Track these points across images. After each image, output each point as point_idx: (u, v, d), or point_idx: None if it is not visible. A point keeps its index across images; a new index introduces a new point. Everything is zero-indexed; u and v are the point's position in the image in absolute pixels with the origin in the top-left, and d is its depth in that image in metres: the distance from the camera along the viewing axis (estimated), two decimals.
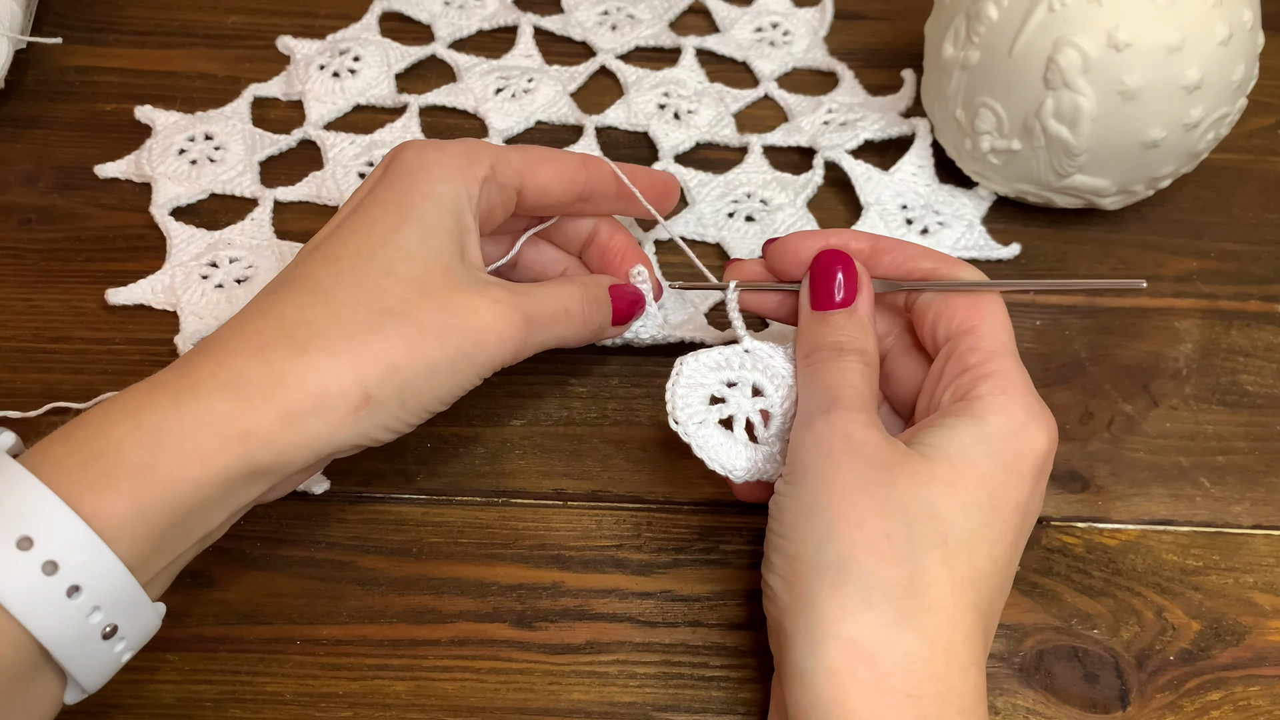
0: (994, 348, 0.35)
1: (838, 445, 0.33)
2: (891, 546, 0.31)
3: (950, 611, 0.31)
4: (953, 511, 0.32)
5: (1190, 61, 0.43)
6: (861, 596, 0.31)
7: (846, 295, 0.37)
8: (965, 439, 0.33)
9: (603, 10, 0.59)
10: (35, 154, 0.52)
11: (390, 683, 0.37)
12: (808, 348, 0.37)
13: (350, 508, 0.41)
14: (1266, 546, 0.41)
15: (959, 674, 0.31)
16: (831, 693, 0.30)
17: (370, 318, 0.33)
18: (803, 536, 0.32)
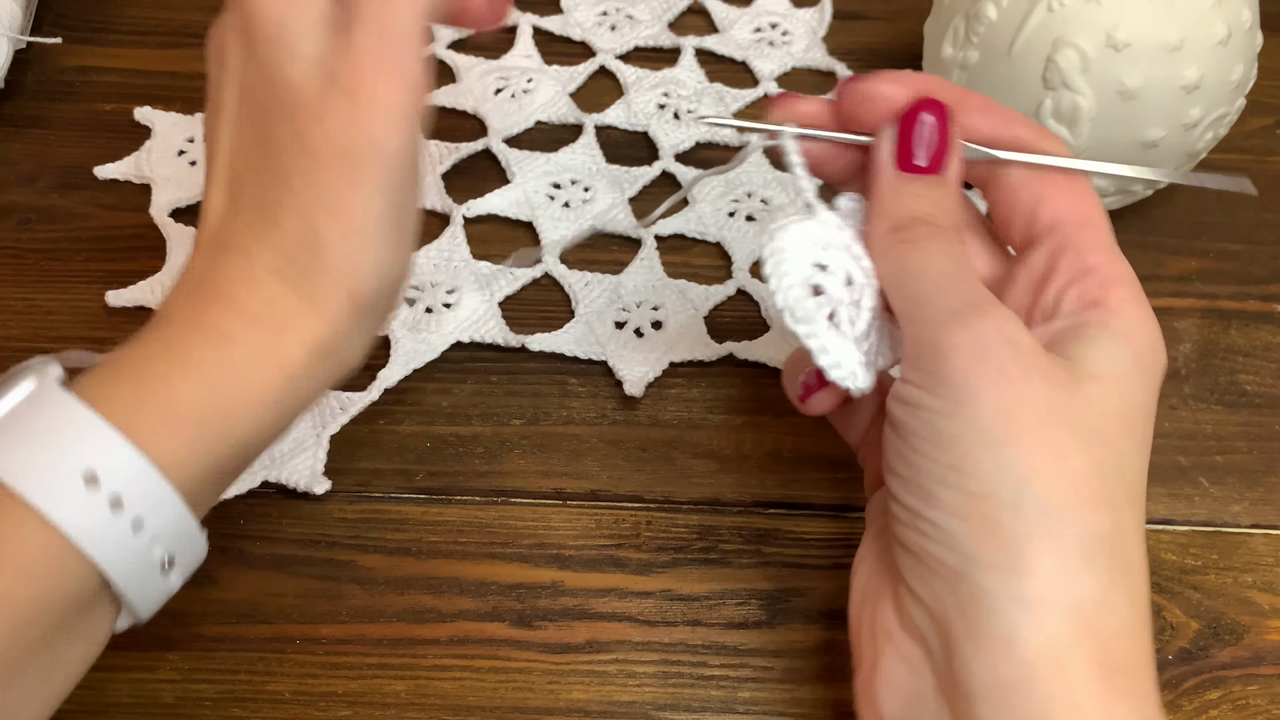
0: (1112, 246, 0.31)
1: (1009, 355, 0.28)
2: (1092, 488, 0.27)
3: (1143, 568, 0.28)
4: (1128, 447, 0.28)
5: (1189, 61, 0.43)
6: (1080, 552, 0.27)
7: (937, 156, 0.31)
8: (1125, 359, 0.29)
9: (602, 11, 0.59)
10: (35, 154, 0.52)
11: (390, 682, 0.37)
12: (898, 218, 0.31)
13: (350, 507, 0.41)
14: (1265, 546, 0.41)
15: (1153, 642, 0.28)
16: (1052, 667, 0.26)
17: None
18: (989, 472, 0.27)
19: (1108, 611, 0.27)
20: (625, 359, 0.45)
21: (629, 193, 0.51)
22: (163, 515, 0.28)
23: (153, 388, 0.29)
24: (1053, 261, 0.31)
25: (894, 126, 0.32)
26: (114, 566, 0.28)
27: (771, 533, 0.41)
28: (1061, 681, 0.26)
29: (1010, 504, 0.27)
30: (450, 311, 0.46)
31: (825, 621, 0.39)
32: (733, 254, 0.49)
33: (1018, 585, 0.26)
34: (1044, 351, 0.28)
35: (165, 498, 0.28)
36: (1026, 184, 0.32)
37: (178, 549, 0.29)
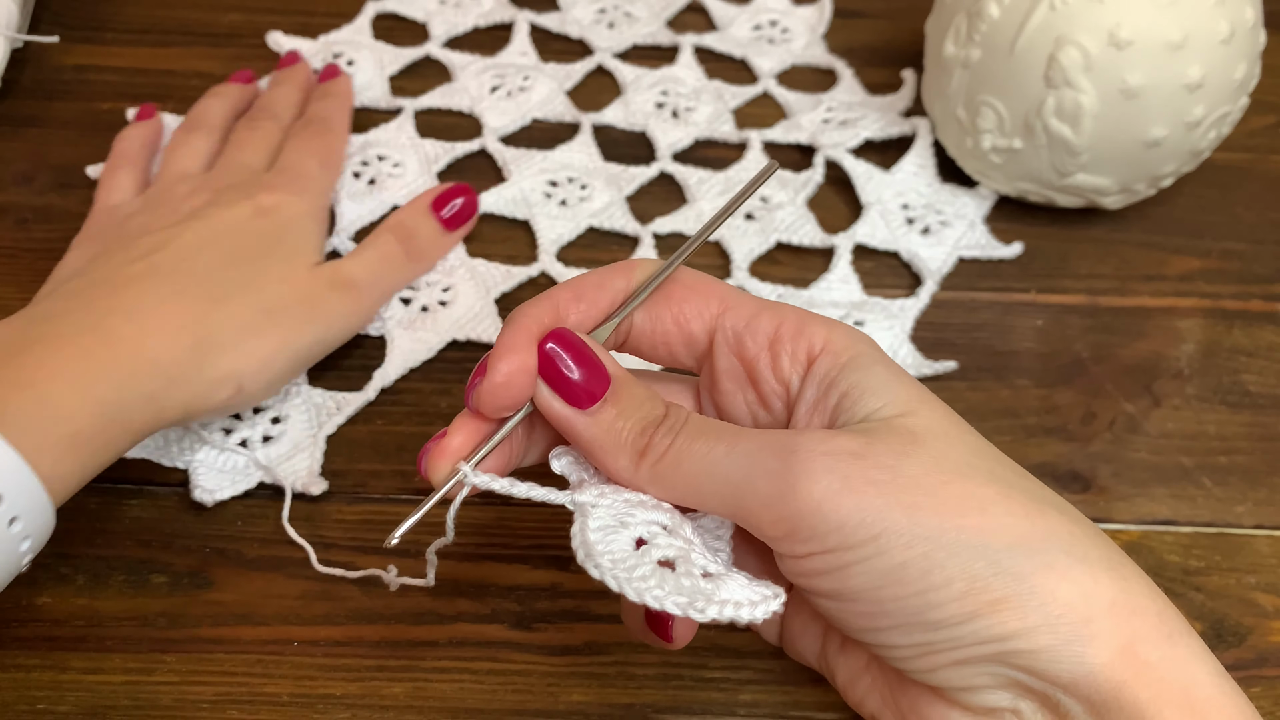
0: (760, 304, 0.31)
1: (857, 469, 0.27)
2: (1023, 505, 0.28)
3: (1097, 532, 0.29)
4: (974, 442, 0.29)
5: (1192, 60, 0.43)
6: (1072, 559, 0.27)
7: (597, 371, 0.30)
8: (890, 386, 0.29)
9: (600, 8, 0.59)
10: (32, 153, 0.52)
11: (388, 684, 0.37)
12: (630, 448, 0.29)
13: (348, 508, 0.41)
14: (1269, 547, 0.41)
15: None
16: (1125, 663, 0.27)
17: (255, 318, 0.40)
18: (955, 565, 0.27)
19: (1130, 585, 0.28)
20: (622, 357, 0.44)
21: (626, 191, 0.51)
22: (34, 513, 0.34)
23: (51, 415, 0.34)
24: (741, 354, 0.31)
25: (542, 385, 0.30)
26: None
27: None
28: (1145, 669, 0.27)
29: (993, 573, 0.27)
30: (446, 310, 0.46)
31: None
32: (731, 253, 0.48)
33: (1061, 630, 0.27)
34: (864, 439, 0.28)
35: (42, 507, 0.34)
36: (661, 315, 0.32)
37: (35, 532, 0.34)
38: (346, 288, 0.43)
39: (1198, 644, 0.28)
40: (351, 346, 0.45)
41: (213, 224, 0.42)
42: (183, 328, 0.38)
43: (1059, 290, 0.48)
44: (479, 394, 0.30)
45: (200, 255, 0.41)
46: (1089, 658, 0.27)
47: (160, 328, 0.38)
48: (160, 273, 0.40)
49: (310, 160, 0.47)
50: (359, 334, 0.45)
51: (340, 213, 0.49)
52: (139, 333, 0.37)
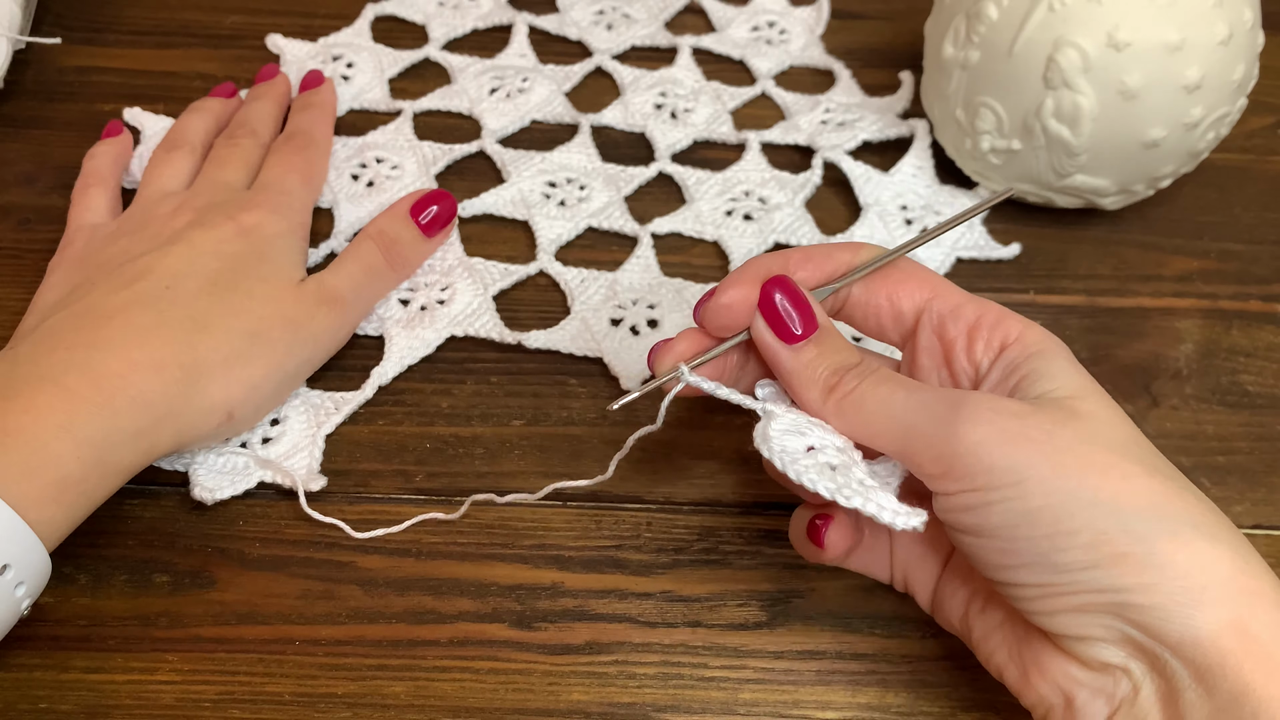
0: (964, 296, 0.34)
1: (1015, 423, 0.30)
2: (1162, 483, 0.30)
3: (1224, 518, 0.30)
4: (1133, 438, 0.31)
5: (1190, 61, 0.43)
6: (1199, 534, 0.29)
7: (808, 315, 0.34)
8: (1066, 371, 0.32)
9: (598, 10, 0.59)
10: (34, 154, 0.52)
11: (389, 683, 0.37)
12: (824, 382, 0.33)
13: (350, 508, 0.41)
14: (1267, 547, 0.41)
15: None
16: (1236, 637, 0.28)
17: (242, 344, 0.40)
18: (1084, 517, 0.29)
19: (1252, 569, 0.29)
20: (621, 357, 0.45)
21: (625, 191, 0.51)
22: (33, 570, 0.34)
23: (39, 461, 0.34)
24: (942, 335, 0.35)
25: (759, 316, 0.34)
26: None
27: (772, 533, 0.41)
28: (1254, 644, 0.28)
29: (1120, 530, 0.29)
30: (444, 308, 0.46)
31: (826, 623, 0.39)
32: (730, 253, 0.49)
33: (1176, 591, 0.28)
34: (1027, 404, 0.31)
35: (39, 561, 0.35)
36: (877, 290, 0.35)
37: (31, 582, 0.35)
38: (332, 303, 0.42)
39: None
40: (350, 346, 0.45)
41: (196, 247, 0.41)
42: (169, 359, 0.38)
43: (1057, 291, 0.48)
44: (705, 310, 0.35)
45: (185, 281, 0.40)
46: (1199, 621, 0.28)
47: (146, 361, 0.37)
48: (144, 301, 0.39)
49: (291, 176, 0.46)
50: (356, 333, 0.45)
51: (339, 215, 0.49)
52: (126, 368, 0.37)
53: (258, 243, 0.42)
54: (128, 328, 0.38)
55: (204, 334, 0.39)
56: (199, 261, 0.41)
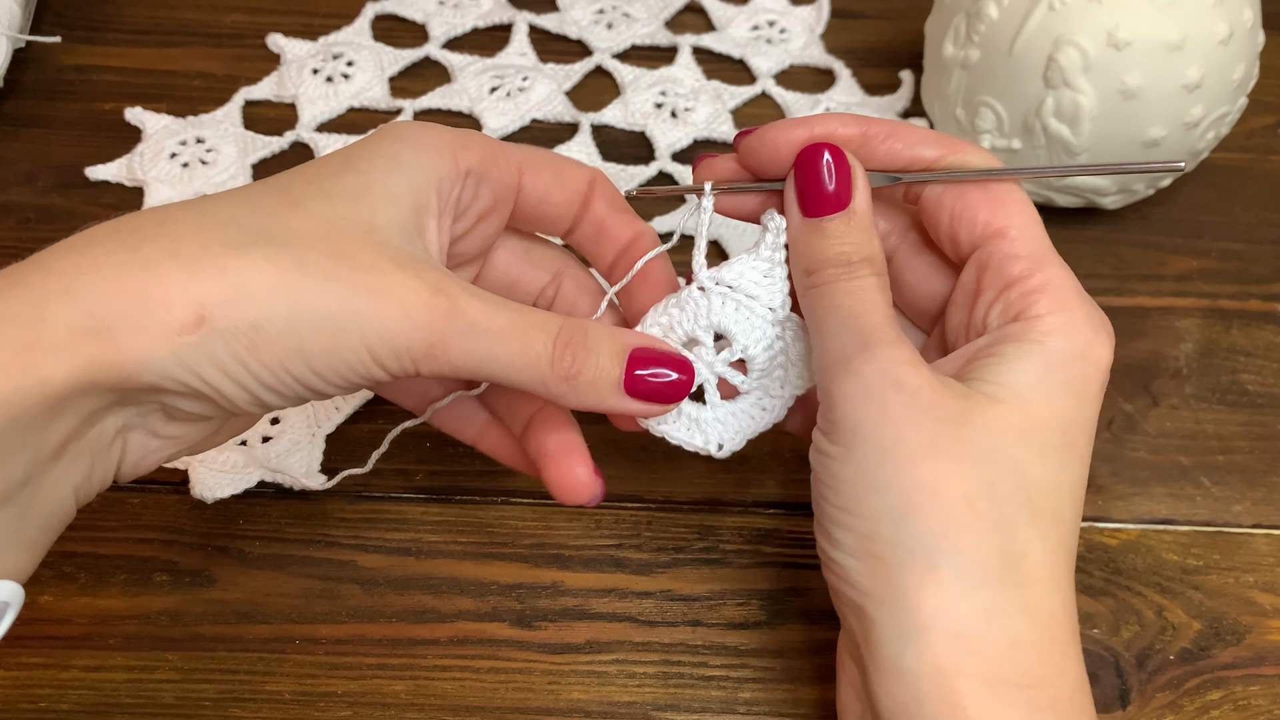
0: (1034, 252, 0.31)
1: (890, 396, 0.29)
2: (975, 514, 0.28)
3: (1046, 582, 0.28)
4: (1032, 462, 0.29)
5: (1190, 60, 0.43)
6: (958, 581, 0.28)
7: (840, 195, 0.31)
8: (1032, 371, 0.29)
9: (598, 9, 0.59)
10: (34, 153, 0.52)
11: (389, 682, 0.37)
12: (808, 264, 0.32)
13: (350, 507, 0.41)
14: (1267, 546, 0.41)
15: (1062, 651, 0.28)
16: (938, 690, 0.27)
17: (240, 234, 0.27)
18: (873, 512, 0.29)
19: (997, 631, 0.28)
20: None
21: (624, 190, 0.51)
22: None
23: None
24: (979, 277, 0.32)
25: (793, 173, 0.32)
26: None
27: (771, 533, 0.41)
28: (946, 703, 0.27)
29: (890, 541, 0.28)
30: None
31: (825, 622, 0.39)
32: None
33: (901, 617, 0.28)
34: (935, 385, 0.29)
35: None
36: (941, 200, 0.32)
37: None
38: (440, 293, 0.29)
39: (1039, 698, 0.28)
40: None
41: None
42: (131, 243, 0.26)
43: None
44: (744, 141, 0.33)
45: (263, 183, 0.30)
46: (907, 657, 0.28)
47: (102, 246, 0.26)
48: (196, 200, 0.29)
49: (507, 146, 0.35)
50: None
51: None
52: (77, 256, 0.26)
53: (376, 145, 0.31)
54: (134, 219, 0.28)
55: (199, 214, 0.28)
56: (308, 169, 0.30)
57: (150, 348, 0.25)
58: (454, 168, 0.31)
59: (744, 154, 0.34)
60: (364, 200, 0.29)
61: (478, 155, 0.32)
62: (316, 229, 0.28)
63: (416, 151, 0.31)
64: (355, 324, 0.27)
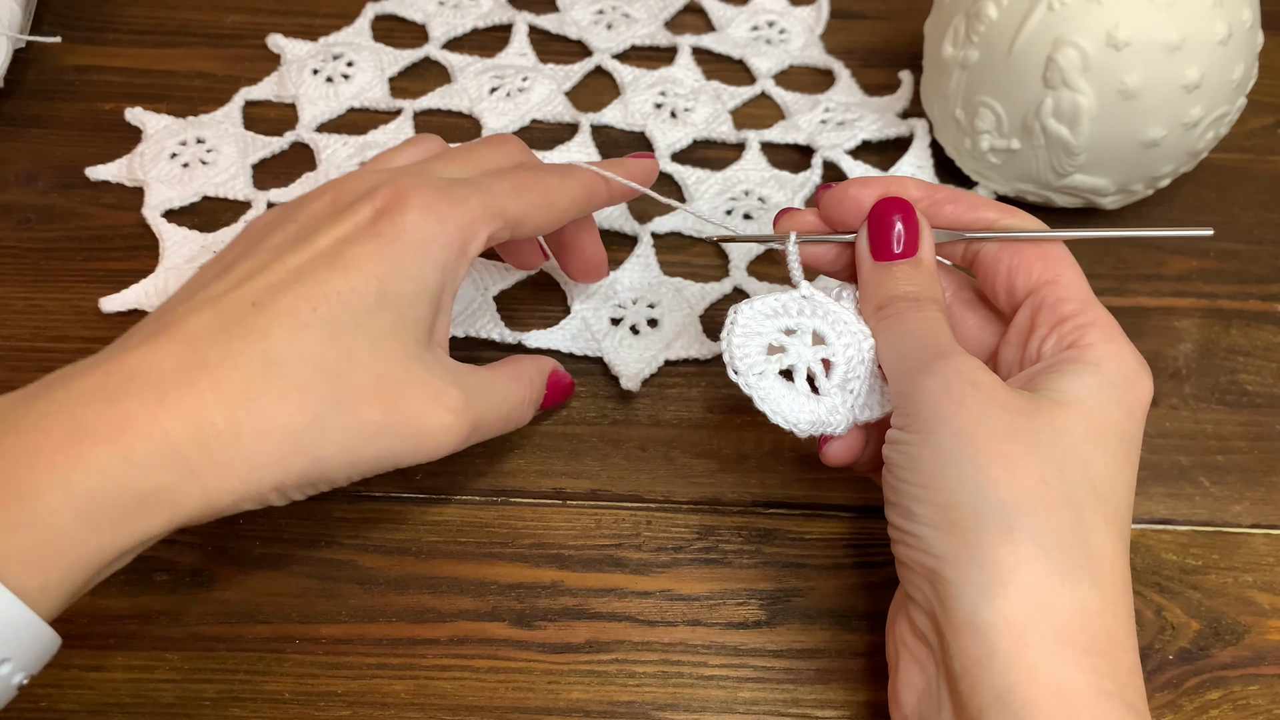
0: (1083, 296, 0.35)
1: (967, 390, 0.32)
2: (1049, 492, 0.30)
3: (1113, 560, 0.30)
4: (1095, 457, 0.31)
5: (1190, 61, 0.43)
6: (1034, 543, 0.29)
7: (908, 244, 0.36)
8: (1090, 385, 0.32)
9: (598, 9, 0.59)
10: (34, 153, 0.52)
11: (389, 682, 0.37)
12: (879, 300, 0.36)
13: (349, 507, 0.41)
14: (1266, 546, 0.41)
15: (1124, 628, 0.30)
16: (1010, 644, 0.29)
17: (316, 407, 0.31)
18: (952, 485, 0.31)
19: (1066, 594, 0.29)
20: (621, 355, 0.45)
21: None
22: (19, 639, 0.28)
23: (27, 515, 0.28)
24: (1033, 317, 0.35)
25: (866, 222, 0.37)
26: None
27: (771, 533, 0.41)
28: (1018, 657, 0.29)
29: (969, 508, 0.30)
30: None
31: (825, 621, 0.39)
32: (730, 252, 0.49)
33: (978, 575, 0.30)
34: (1005, 387, 0.32)
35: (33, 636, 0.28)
36: (1000, 256, 0.36)
37: (20, 657, 0.28)
38: (461, 414, 0.35)
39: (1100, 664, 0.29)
40: None
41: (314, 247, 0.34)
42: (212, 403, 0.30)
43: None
44: (825, 195, 0.38)
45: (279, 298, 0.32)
46: (985, 612, 0.29)
47: (183, 402, 0.30)
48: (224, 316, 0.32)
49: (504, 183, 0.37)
50: None
51: None
52: (155, 406, 0.29)
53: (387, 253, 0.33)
54: (188, 349, 0.31)
55: (271, 379, 0.31)
56: (308, 280, 0.32)
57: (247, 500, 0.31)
58: (464, 263, 0.35)
59: (825, 206, 0.38)
60: (399, 335, 0.33)
61: (483, 237, 0.35)
62: (370, 381, 0.32)
63: (434, 266, 0.34)
64: (397, 460, 0.34)
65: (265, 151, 0.52)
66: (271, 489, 0.31)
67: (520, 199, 0.37)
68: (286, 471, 0.31)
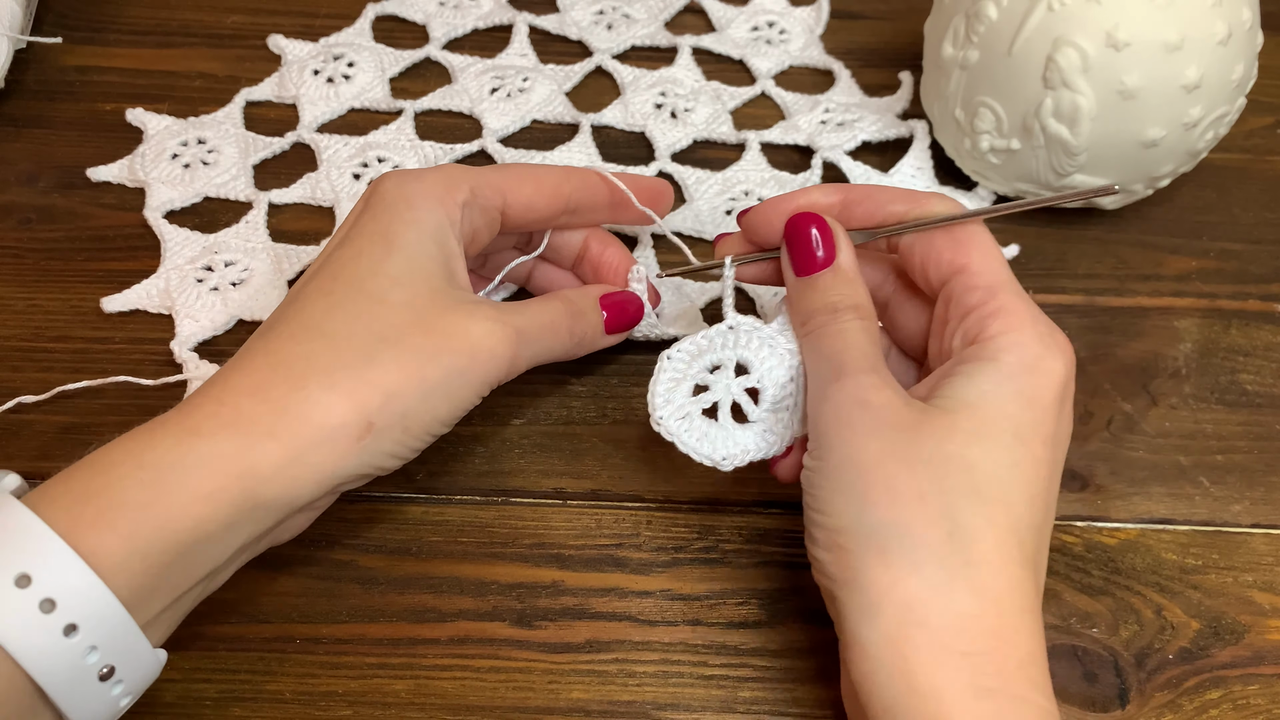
0: (990, 282, 0.35)
1: (855, 413, 0.33)
2: (926, 506, 0.31)
3: (994, 563, 0.31)
4: (981, 459, 0.32)
5: (1189, 61, 0.43)
6: (907, 560, 0.31)
7: (826, 255, 0.36)
8: (983, 384, 0.33)
9: (598, 9, 0.59)
10: (35, 154, 0.52)
11: (390, 681, 0.37)
12: (802, 315, 0.37)
13: (350, 507, 0.41)
14: (1265, 545, 0.41)
15: (1011, 625, 0.31)
16: (891, 658, 0.30)
17: (366, 347, 0.34)
18: (839, 509, 0.32)
19: (942, 604, 0.30)
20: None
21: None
22: (100, 620, 0.28)
23: (99, 484, 0.30)
24: (945, 310, 0.36)
25: (784, 242, 0.38)
26: (45, 671, 0.28)
27: (771, 532, 0.41)
28: (898, 669, 0.30)
29: (852, 532, 0.32)
30: None
31: (825, 621, 0.39)
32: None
33: (859, 597, 0.31)
34: (895, 404, 0.33)
35: (103, 601, 0.28)
36: (914, 247, 0.37)
37: (118, 659, 0.29)
38: (504, 323, 0.36)
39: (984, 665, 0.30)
40: None
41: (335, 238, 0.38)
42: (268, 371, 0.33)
43: (1056, 290, 0.48)
44: (742, 222, 0.39)
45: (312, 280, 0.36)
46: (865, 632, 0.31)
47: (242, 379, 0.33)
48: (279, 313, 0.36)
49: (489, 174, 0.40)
50: None
51: (340, 215, 0.49)
52: (220, 390, 0.33)
53: (381, 215, 0.37)
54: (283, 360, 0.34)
55: (327, 342, 0.34)
56: (327, 262, 0.36)
57: (339, 460, 0.33)
58: (455, 208, 0.37)
59: (746, 230, 0.39)
60: (419, 273, 0.36)
61: (467, 189, 0.38)
62: (408, 317, 0.35)
63: (428, 210, 0.37)
64: (465, 379, 0.35)
65: (266, 152, 0.52)
66: (356, 442, 0.33)
67: (502, 172, 0.40)
68: (363, 415, 0.33)
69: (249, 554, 0.34)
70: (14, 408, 0.43)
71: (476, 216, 0.39)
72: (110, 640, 0.29)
